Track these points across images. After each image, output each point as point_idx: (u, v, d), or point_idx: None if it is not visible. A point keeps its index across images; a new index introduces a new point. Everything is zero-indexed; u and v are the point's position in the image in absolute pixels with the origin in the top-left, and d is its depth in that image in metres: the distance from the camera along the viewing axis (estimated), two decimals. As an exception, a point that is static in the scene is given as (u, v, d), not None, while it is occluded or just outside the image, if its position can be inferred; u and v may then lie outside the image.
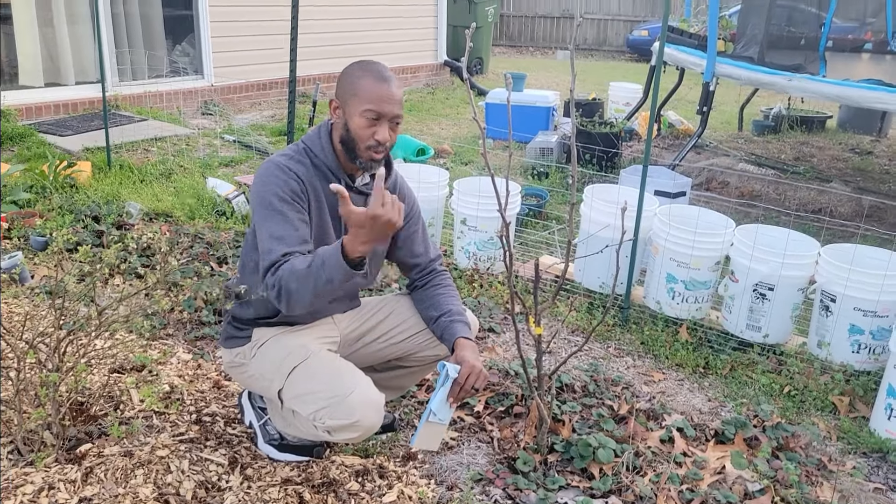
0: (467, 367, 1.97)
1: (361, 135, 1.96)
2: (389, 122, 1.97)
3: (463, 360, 1.99)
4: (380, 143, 1.96)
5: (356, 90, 1.95)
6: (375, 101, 1.93)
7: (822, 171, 6.32)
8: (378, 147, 1.97)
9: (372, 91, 1.93)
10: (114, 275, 3.45)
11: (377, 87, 1.94)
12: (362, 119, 1.94)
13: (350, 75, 1.99)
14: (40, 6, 6.50)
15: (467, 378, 1.97)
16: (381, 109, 1.93)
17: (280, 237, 1.89)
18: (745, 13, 6.47)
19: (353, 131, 1.96)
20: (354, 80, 1.97)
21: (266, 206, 1.92)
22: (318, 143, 2.04)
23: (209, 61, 7.50)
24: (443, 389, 1.97)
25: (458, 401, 2.00)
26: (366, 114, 1.93)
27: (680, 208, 3.62)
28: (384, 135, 1.96)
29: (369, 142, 1.96)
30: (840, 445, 2.58)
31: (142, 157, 5.39)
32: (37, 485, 1.97)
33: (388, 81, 1.95)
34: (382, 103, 1.93)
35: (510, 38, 17.21)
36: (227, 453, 2.22)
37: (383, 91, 1.94)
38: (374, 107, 1.93)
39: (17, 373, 2.09)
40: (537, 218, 4.73)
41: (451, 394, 1.98)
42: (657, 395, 2.82)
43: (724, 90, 8.96)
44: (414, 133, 6.92)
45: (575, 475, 2.25)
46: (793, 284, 3.09)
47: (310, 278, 1.80)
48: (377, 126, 1.95)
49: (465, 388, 1.97)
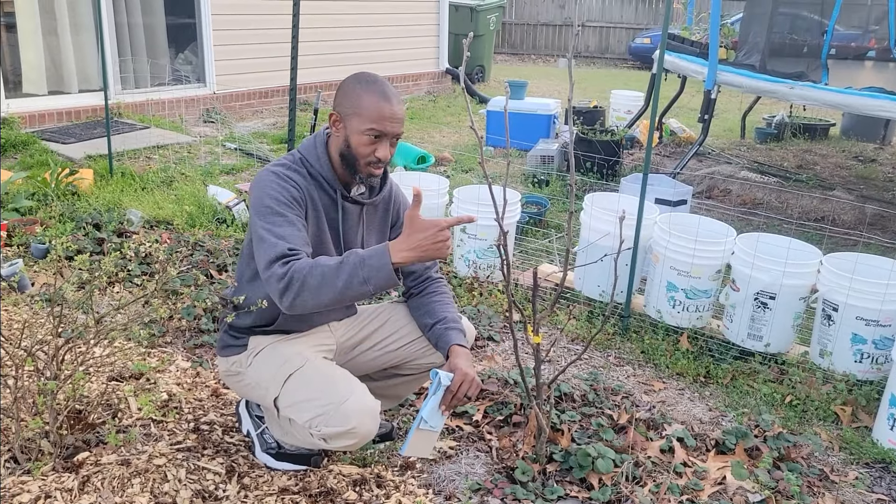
0: (460, 375, 1.97)
1: (362, 152, 1.96)
2: (390, 139, 1.97)
3: (456, 368, 1.99)
4: (380, 160, 1.97)
5: (359, 108, 1.94)
6: (378, 121, 1.93)
7: (824, 179, 6.30)
8: (378, 164, 1.98)
9: (375, 110, 1.92)
10: (113, 283, 3.45)
11: (381, 106, 1.93)
12: (364, 137, 1.94)
13: (352, 91, 1.97)
14: (44, 15, 6.53)
15: (460, 386, 1.97)
16: (384, 129, 1.94)
17: (282, 236, 1.87)
18: (746, 21, 6.47)
19: (353, 148, 1.97)
20: (356, 97, 1.95)
21: (266, 210, 1.91)
22: (314, 154, 2.04)
23: (211, 69, 7.53)
24: (434, 397, 1.97)
25: (451, 408, 2.01)
26: (368, 132, 1.93)
27: (680, 217, 3.62)
28: (385, 153, 1.97)
29: (370, 158, 1.97)
30: (842, 456, 2.56)
31: (143, 165, 5.40)
32: (34, 493, 1.96)
33: (390, 100, 1.94)
34: (385, 122, 1.93)
35: (512, 46, 17.25)
36: (225, 462, 2.21)
37: (386, 111, 1.93)
38: (377, 126, 1.93)
39: (16, 381, 2.08)
40: (538, 226, 4.73)
41: (444, 402, 1.98)
42: (657, 404, 2.81)
43: (727, 98, 8.98)
44: (415, 141, 6.92)
45: (574, 485, 2.23)
46: (794, 293, 3.08)
47: (340, 276, 1.77)
48: (378, 144, 1.95)
49: (458, 396, 1.97)
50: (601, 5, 16.64)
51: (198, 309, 3.15)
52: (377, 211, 2.19)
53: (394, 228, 2.24)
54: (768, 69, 5.77)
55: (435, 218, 1.82)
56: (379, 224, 2.20)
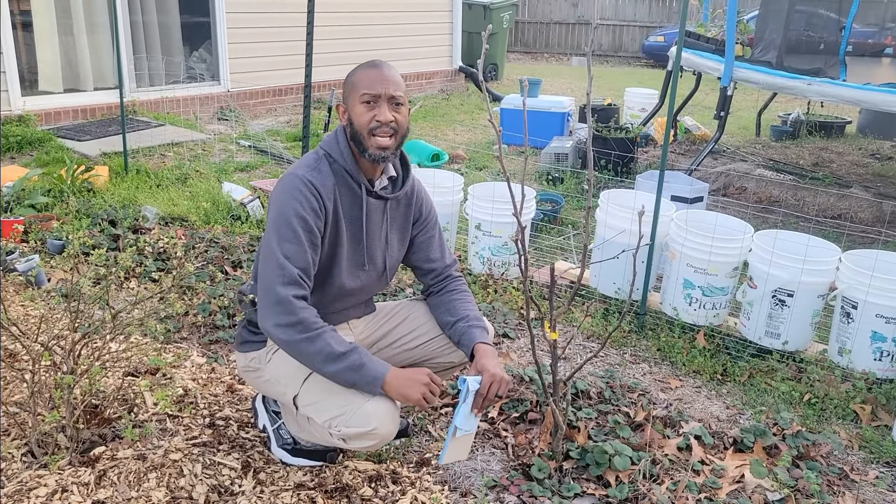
0: (488, 377, 1.96)
1: (362, 121, 1.98)
2: (388, 102, 1.98)
3: (484, 369, 1.97)
4: (381, 123, 1.96)
5: (353, 84, 2.01)
6: (368, 85, 1.97)
7: (841, 176, 6.24)
8: (381, 128, 1.97)
9: (364, 78, 1.99)
10: (129, 278, 3.46)
11: (368, 72, 2.00)
12: (361, 107, 1.98)
13: (348, 76, 2.05)
14: (60, 14, 6.57)
15: (490, 387, 1.95)
16: (374, 90, 1.96)
17: (288, 255, 1.90)
18: (762, 18, 6.43)
19: (355, 123, 2.00)
20: (351, 77, 2.04)
21: (282, 221, 1.93)
22: (336, 148, 2.05)
23: (226, 67, 7.55)
24: (465, 405, 1.96)
25: (483, 409, 2.00)
26: (362, 99, 1.97)
27: (697, 213, 3.59)
28: (385, 115, 1.96)
29: (371, 125, 1.97)
30: (862, 455, 2.53)
31: (158, 162, 5.42)
32: (50, 487, 1.97)
33: (378, 67, 2.01)
34: (374, 84, 1.97)
35: (525, 45, 17.20)
36: (241, 457, 2.21)
37: (373, 74, 1.99)
38: (368, 90, 1.97)
39: (32, 375, 2.09)
40: (552, 223, 4.70)
41: (475, 405, 1.96)
42: (674, 402, 2.79)
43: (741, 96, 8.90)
44: (428, 139, 6.91)
45: (591, 483, 2.21)
46: (813, 291, 3.04)
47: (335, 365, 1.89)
48: (375, 108, 1.97)
49: (489, 397, 1.96)
50: (614, 4, 16.56)
51: (213, 305, 3.15)
52: (400, 207, 2.18)
53: (415, 224, 2.23)
54: (785, 66, 5.72)
55: (434, 377, 1.95)
56: (402, 220, 2.20)
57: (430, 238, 2.25)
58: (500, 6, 10.83)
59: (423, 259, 2.25)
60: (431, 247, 2.25)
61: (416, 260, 2.26)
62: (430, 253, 2.25)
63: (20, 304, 3.12)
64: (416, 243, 2.24)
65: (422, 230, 2.24)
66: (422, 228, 2.24)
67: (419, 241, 2.24)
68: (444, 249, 2.29)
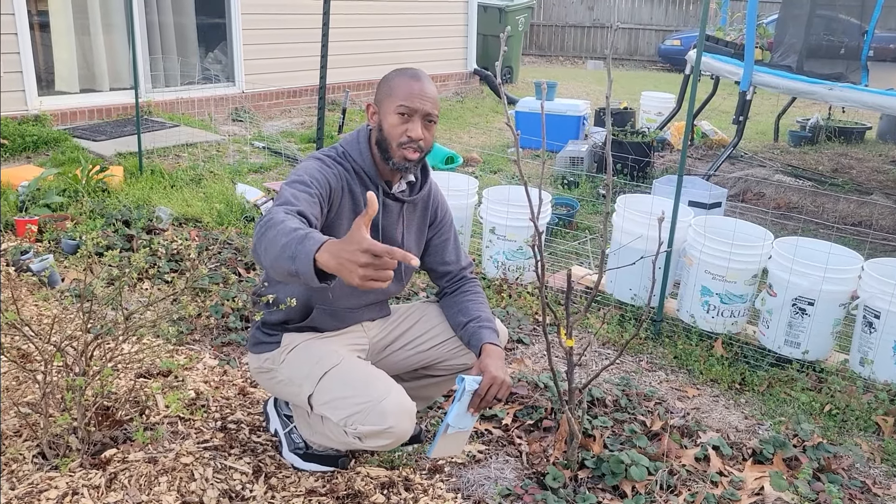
0: (488, 378, 1.93)
1: (394, 133, 1.96)
2: (422, 119, 1.96)
3: (485, 370, 1.95)
4: (412, 139, 1.95)
5: (390, 90, 1.98)
6: (406, 97, 1.95)
7: (861, 183, 6.15)
8: (410, 144, 1.96)
9: (404, 88, 1.96)
10: (142, 279, 3.45)
11: (409, 84, 1.97)
12: (395, 116, 1.95)
13: (387, 79, 2.02)
14: (77, 14, 6.60)
15: (489, 389, 1.93)
16: (412, 105, 1.94)
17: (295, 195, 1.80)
18: (782, 22, 6.35)
19: (385, 130, 1.97)
20: (388, 81, 2.01)
21: (296, 178, 1.90)
22: (356, 148, 2.03)
23: (241, 69, 7.56)
24: (459, 403, 1.93)
25: (479, 410, 1.97)
26: (398, 109, 1.95)
27: (715, 219, 3.54)
28: (417, 132, 1.95)
29: (401, 139, 1.95)
30: (884, 468, 2.48)
31: (173, 163, 5.43)
32: (61, 490, 1.95)
33: (420, 80, 1.98)
34: (413, 99, 1.95)
35: (540, 48, 17.15)
36: (252, 462, 2.19)
37: (415, 87, 1.96)
38: (405, 102, 1.94)
39: (44, 376, 2.08)
40: (567, 228, 4.66)
41: (472, 405, 1.94)
42: (691, 411, 2.74)
43: (759, 101, 8.82)
44: (443, 141, 6.89)
45: (606, 493, 2.18)
46: (834, 299, 2.99)
47: (286, 239, 1.60)
48: (409, 123, 1.95)
49: (486, 399, 1.93)
50: (630, 7, 16.48)
51: (226, 307, 3.14)
52: (416, 209, 2.16)
53: (431, 227, 2.22)
54: (805, 70, 5.65)
55: (374, 242, 1.47)
56: (418, 222, 2.18)
57: (445, 241, 2.24)
58: (516, 9, 10.79)
59: (438, 262, 2.24)
60: (447, 250, 2.24)
61: (431, 263, 2.24)
62: (446, 256, 2.24)
63: (34, 304, 3.12)
64: (432, 246, 2.23)
65: (437, 233, 2.23)
66: (437, 231, 2.23)
67: (435, 243, 2.23)
68: (459, 252, 2.27)
